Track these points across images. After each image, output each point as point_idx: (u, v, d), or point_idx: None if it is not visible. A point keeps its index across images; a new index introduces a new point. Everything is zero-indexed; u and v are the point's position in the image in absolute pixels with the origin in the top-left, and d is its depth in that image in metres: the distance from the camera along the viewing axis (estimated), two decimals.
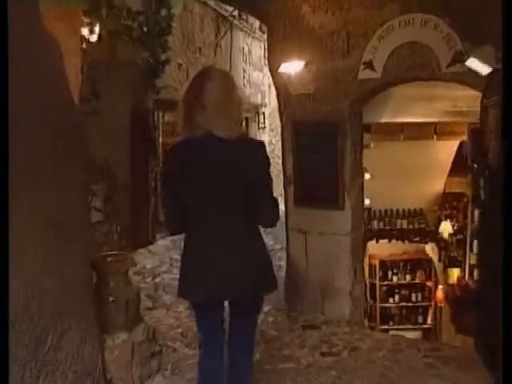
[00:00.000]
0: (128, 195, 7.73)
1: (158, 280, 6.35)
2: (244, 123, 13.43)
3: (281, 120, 5.10)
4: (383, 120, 5.89)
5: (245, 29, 12.23)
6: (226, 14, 10.84)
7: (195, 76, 2.39)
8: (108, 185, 7.19)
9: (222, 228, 2.34)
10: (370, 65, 4.26)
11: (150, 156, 8.17)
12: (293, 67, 4.46)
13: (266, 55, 5.03)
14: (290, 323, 4.76)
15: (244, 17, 11.75)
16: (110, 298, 3.55)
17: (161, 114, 8.89)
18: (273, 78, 4.93)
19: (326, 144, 4.56)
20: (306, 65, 4.47)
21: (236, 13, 10.93)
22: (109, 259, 3.64)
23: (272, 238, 8.81)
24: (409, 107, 5.88)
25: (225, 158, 2.30)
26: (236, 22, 11.59)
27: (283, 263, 6.76)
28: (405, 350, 4.02)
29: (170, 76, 8.73)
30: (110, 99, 7.05)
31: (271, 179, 2.39)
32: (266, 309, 5.26)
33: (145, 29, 7.33)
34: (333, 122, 4.48)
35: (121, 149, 7.48)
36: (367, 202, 5.80)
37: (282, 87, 4.82)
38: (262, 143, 2.46)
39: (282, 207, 3.81)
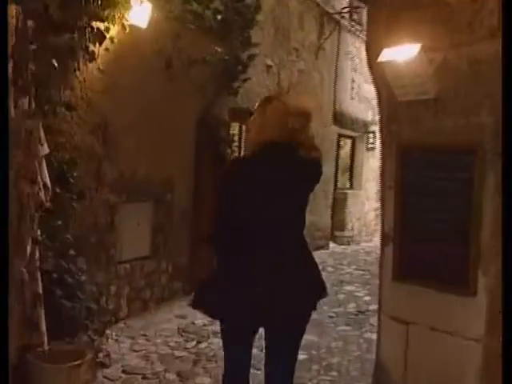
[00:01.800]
0: (188, 225, 6.27)
1: (203, 346, 4.78)
2: (350, 143, 11.73)
3: (382, 140, 3.33)
4: None
5: (355, 32, 10.49)
6: (333, 12, 9.20)
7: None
8: (156, 211, 5.77)
9: (270, 250, 2.40)
10: None
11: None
12: (401, 54, 2.74)
13: (365, 40, 3.27)
14: None
15: (355, 17, 10.04)
16: None
17: (238, 126, 7.38)
18: (371, 75, 3.19)
19: (453, 182, 2.77)
20: (423, 52, 2.73)
21: (346, 10, 9.25)
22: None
23: (368, 291, 7.00)
24: None
25: (281, 181, 2.42)
26: (345, 22, 9.90)
27: (374, 337, 5.00)
28: None
29: (255, 79, 7.21)
30: (168, 103, 5.65)
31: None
32: None
33: (219, 17, 5.86)
34: (466, 146, 2.69)
35: (180, 167, 6.04)
36: None
37: (383, 88, 3.09)
38: (317, 161, 2.60)
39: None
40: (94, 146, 4.85)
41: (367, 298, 6.56)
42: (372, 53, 3.05)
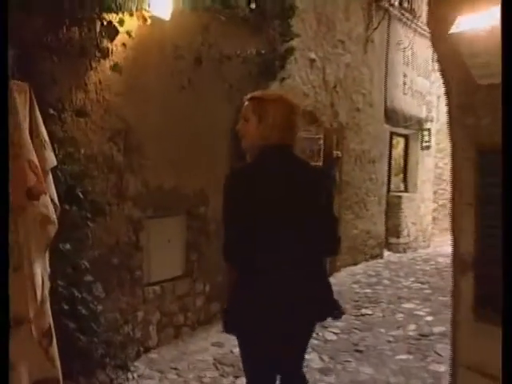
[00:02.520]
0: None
1: (239, 382, 4.15)
2: (403, 141, 10.95)
3: (452, 139, 2.61)
4: None
5: (407, 21, 9.68)
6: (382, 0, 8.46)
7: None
8: (189, 225, 5.20)
9: (282, 259, 2.30)
10: None
11: None
12: (482, 22, 2.05)
13: (428, 9, 2.59)
14: None
15: (406, 4, 9.25)
16: None
17: None
18: (436, 52, 2.49)
19: None
20: None
21: None
22: None
23: (430, 309, 6.23)
24: None
25: (289, 185, 2.33)
26: (395, 11, 9.12)
27: (441, 369, 4.30)
28: None
29: (297, 74, 6.57)
30: (199, 106, 5.07)
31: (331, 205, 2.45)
32: None
33: (253, 5, 5.24)
34: None
35: (215, 176, 5.44)
36: None
37: (454, 70, 2.39)
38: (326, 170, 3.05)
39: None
40: (114, 155, 4.29)
41: (429, 319, 5.79)
42: (437, 22, 2.36)
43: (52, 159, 3.15)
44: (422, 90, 11.08)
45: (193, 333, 5.16)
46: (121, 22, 3.90)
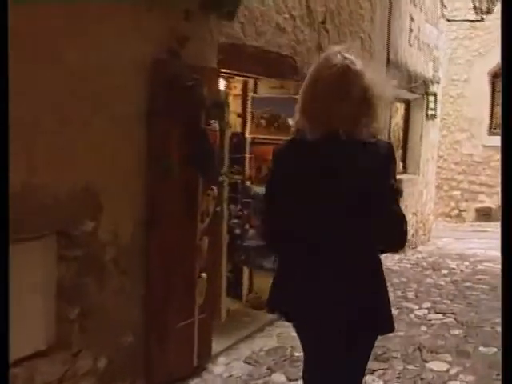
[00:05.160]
0: (137, 275, 3.40)
1: None
2: (404, 108, 8.86)
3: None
4: None
5: None
6: None
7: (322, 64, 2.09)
8: (61, 256, 2.94)
9: (330, 248, 2.10)
10: None
11: (208, 172, 3.69)
12: None
13: None
14: None
15: None
16: None
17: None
18: None
19: None
20: None
21: None
22: None
23: (472, 374, 4.08)
24: None
25: (340, 165, 2.07)
26: None
27: None
28: None
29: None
30: (78, 31, 2.78)
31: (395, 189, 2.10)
32: None
33: None
34: None
35: (115, 164, 3.15)
36: None
37: None
38: (389, 144, 2.21)
39: None
40: None
41: None
42: None
43: None
44: (430, 41, 8.90)
45: None
46: None
